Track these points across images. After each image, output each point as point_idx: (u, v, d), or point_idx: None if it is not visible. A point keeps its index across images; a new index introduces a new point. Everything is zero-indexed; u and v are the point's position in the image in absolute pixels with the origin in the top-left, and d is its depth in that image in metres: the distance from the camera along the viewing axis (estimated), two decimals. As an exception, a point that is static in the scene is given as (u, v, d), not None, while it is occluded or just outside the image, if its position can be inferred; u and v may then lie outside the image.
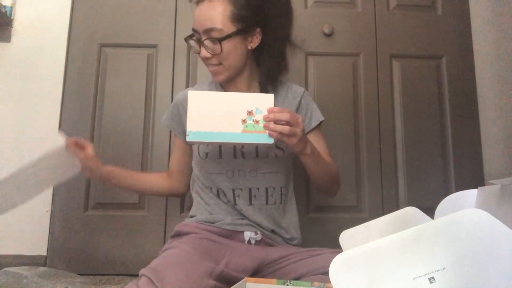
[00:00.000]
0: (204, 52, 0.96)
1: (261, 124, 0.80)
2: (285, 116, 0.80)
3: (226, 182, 0.99)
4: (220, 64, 0.98)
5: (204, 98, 0.82)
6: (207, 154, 1.00)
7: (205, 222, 0.97)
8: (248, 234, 0.96)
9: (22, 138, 1.51)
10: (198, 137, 0.80)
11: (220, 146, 1.00)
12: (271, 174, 1.00)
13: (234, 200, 0.99)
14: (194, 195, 1.07)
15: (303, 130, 0.84)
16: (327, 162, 1.01)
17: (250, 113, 0.80)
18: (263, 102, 0.81)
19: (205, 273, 0.77)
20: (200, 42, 0.97)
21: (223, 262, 0.84)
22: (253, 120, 0.80)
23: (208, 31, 0.94)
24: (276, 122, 0.80)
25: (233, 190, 0.99)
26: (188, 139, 0.80)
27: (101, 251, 1.46)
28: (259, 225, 0.98)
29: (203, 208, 1.01)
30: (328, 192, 1.09)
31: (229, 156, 1.00)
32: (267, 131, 0.80)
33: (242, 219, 0.98)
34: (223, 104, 0.81)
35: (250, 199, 0.99)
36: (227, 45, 0.94)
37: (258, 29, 0.99)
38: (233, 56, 0.97)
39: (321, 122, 1.10)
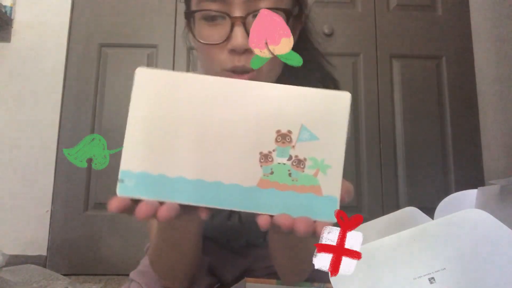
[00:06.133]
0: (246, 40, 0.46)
1: (311, 170, 0.34)
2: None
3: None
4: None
5: (169, 91, 0.35)
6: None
7: None
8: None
9: (22, 138, 1.51)
10: (140, 189, 0.34)
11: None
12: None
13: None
14: None
15: None
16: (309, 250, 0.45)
17: (283, 136, 0.33)
18: (323, 110, 0.34)
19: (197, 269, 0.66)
20: (243, 20, 0.48)
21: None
22: (292, 159, 0.33)
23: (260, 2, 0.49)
24: None
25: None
26: (119, 191, 0.34)
27: (101, 251, 1.46)
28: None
29: None
30: (287, 277, 0.61)
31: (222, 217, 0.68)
32: (333, 191, 0.35)
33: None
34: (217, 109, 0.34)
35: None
36: None
37: (304, 16, 0.61)
38: None
39: None
